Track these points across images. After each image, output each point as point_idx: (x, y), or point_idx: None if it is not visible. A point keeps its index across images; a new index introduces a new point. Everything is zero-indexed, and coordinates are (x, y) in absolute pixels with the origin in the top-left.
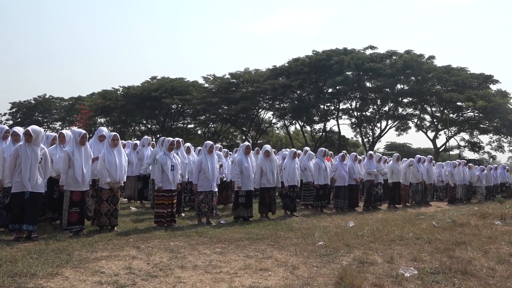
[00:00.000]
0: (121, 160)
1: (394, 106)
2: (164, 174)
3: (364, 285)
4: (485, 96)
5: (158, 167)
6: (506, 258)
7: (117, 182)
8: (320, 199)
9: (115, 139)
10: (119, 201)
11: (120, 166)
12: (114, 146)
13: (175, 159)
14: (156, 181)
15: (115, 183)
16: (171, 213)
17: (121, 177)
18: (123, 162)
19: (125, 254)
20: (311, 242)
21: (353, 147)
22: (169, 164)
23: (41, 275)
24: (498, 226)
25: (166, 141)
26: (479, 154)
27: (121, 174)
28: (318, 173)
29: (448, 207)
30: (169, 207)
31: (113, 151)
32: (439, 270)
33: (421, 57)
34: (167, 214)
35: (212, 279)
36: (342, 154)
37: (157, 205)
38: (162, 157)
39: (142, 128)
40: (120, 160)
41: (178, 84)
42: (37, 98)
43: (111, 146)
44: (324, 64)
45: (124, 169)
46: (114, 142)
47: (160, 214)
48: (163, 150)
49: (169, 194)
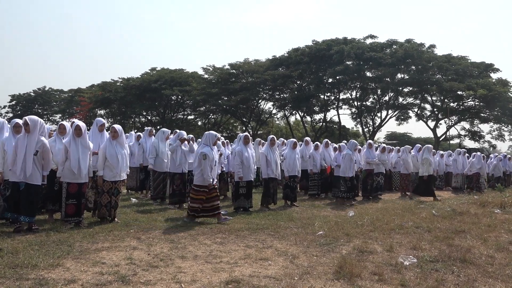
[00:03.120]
0: (122, 153)
1: (394, 95)
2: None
3: (363, 273)
4: (486, 85)
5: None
6: (505, 246)
7: (119, 176)
8: (350, 191)
9: (113, 131)
10: (120, 194)
11: (122, 159)
12: (114, 138)
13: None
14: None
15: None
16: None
17: (122, 171)
18: (124, 156)
19: (126, 245)
20: (311, 231)
21: (353, 137)
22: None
23: (42, 266)
24: (498, 215)
25: (212, 135)
26: (480, 143)
27: (122, 167)
28: (349, 165)
29: (448, 195)
30: (206, 201)
31: (114, 144)
32: (438, 259)
33: (422, 46)
34: (202, 209)
35: (212, 268)
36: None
37: (195, 200)
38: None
39: (142, 120)
40: (122, 153)
41: (178, 75)
42: (36, 91)
43: (111, 138)
44: (324, 54)
45: (126, 162)
46: (113, 135)
47: (195, 208)
48: (207, 145)
49: (208, 189)
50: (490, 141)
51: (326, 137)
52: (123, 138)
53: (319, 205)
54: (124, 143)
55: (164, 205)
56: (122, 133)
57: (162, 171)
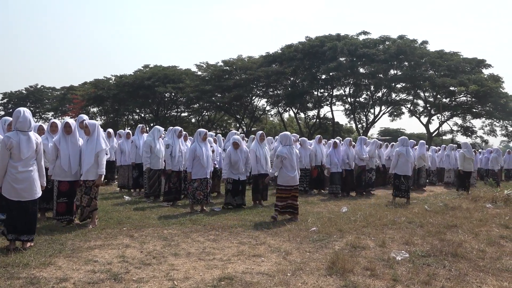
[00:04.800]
0: (75, 150)
1: (387, 91)
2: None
3: (356, 269)
4: (478, 80)
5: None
6: (496, 240)
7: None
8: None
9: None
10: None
11: (73, 157)
12: (67, 133)
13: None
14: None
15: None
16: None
17: (74, 170)
18: (76, 153)
19: (118, 243)
20: (304, 227)
21: (347, 133)
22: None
23: (34, 265)
24: (489, 209)
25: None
26: (472, 139)
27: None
28: (397, 162)
29: (440, 191)
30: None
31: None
32: (430, 253)
33: (414, 42)
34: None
35: (205, 266)
36: (335, 141)
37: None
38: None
39: (136, 117)
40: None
41: (171, 72)
42: (28, 88)
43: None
44: (317, 51)
45: (88, 161)
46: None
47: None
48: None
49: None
50: (482, 136)
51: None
52: (77, 135)
53: (312, 201)
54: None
55: (158, 202)
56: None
57: (157, 169)
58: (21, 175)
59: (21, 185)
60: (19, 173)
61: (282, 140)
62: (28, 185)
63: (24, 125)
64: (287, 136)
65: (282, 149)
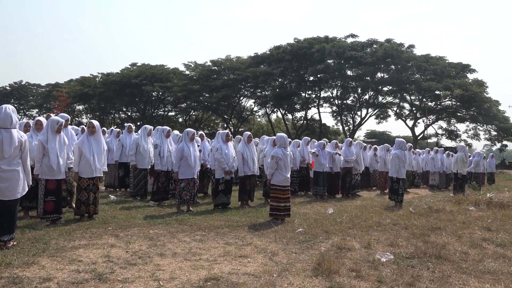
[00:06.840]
0: (99, 149)
1: (374, 94)
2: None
3: (341, 270)
4: (462, 85)
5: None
6: (479, 242)
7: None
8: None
9: (91, 126)
10: (98, 190)
11: (99, 155)
12: (91, 134)
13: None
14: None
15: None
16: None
17: (97, 168)
18: (101, 151)
19: (103, 243)
20: (291, 229)
21: (333, 135)
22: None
23: (17, 264)
24: (472, 212)
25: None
26: (456, 142)
27: (95, 164)
28: (398, 165)
29: (425, 193)
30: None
31: (90, 140)
32: (414, 255)
33: (401, 46)
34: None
35: (191, 266)
36: (323, 143)
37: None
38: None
39: (122, 116)
40: (99, 149)
41: (159, 71)
42: (13, 85)
43: (88, 134)
44: (305, 52)
45: (104, 159)
46: (90, 130)
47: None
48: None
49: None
50: (466, 140)
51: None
52: (100, 134)
53: (299, 202)
54: (101, 139)
55: (144, 202)
56: (99, 129)
57: (143, 168)
58: (6, 174)
59: (5, 184)
60: (3, 172)
61: (278, 141)
62: (11, 184)
63: (5, 121)
64: (283, 137)
65: (277, 150)
